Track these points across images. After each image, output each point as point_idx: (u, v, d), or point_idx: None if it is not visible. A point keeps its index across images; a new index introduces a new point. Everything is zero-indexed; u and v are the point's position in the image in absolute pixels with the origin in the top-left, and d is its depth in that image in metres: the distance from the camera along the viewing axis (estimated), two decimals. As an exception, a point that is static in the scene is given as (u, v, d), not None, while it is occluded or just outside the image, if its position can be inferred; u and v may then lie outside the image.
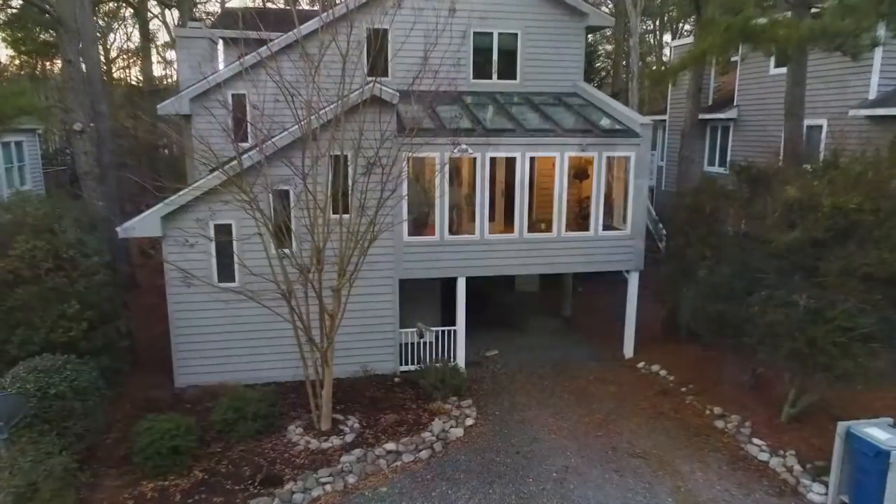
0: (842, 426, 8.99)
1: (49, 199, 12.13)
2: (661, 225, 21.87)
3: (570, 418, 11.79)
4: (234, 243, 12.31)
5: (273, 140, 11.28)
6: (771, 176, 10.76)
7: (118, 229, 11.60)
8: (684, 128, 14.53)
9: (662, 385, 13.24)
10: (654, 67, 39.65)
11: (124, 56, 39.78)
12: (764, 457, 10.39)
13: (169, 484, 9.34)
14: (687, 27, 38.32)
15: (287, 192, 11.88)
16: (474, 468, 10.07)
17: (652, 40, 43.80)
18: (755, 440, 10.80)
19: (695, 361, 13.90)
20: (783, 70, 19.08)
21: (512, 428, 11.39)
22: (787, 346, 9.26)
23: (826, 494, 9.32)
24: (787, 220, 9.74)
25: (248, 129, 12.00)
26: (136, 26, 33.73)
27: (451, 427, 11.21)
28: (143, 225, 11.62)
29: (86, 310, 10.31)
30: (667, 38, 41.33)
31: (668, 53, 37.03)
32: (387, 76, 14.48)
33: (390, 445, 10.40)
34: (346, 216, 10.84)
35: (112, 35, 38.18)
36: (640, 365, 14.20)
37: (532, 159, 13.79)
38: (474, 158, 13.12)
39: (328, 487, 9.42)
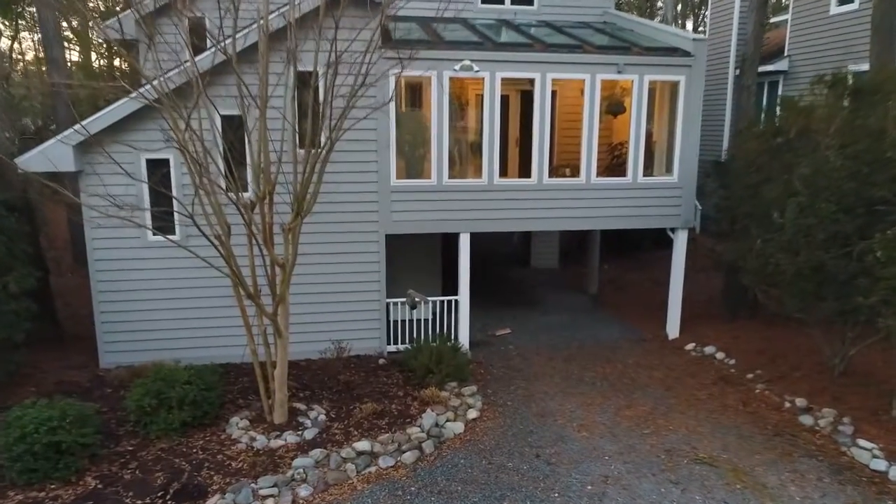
0: None
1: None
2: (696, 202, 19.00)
3: (607, 411, 8.96)
4: (173, 183, 9.65)
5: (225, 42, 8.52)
6: (882, 82, 7.86)
7: (16, 161, 8.93)
8: (746, 51, 11.65)
9: (721, 370, 10.37)
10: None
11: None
12: (880, 465, 7.49)
13: (45, 495, 6.63)
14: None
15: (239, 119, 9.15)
16: (477, 477, 7.28)
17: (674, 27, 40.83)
18: (862, 442, 7.90)
19: (759, 341, 11.05)
20: (849, 7, 16.28)
21: (529, 423, 8.59)
22: (931, 305, 6.37)
23: None
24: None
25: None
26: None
27: (448, 421, 8.42)
28: (50, 155, 8.93)
29: (-50, 257, 7.66)
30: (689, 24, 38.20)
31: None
32: None
33: (363, 444, 7.63)
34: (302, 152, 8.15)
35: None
36: (690, 346, 11.33)
37: (554, 93, 10.97)
38: (482, 80, 10.29)
39: (269, 502, 6.66)
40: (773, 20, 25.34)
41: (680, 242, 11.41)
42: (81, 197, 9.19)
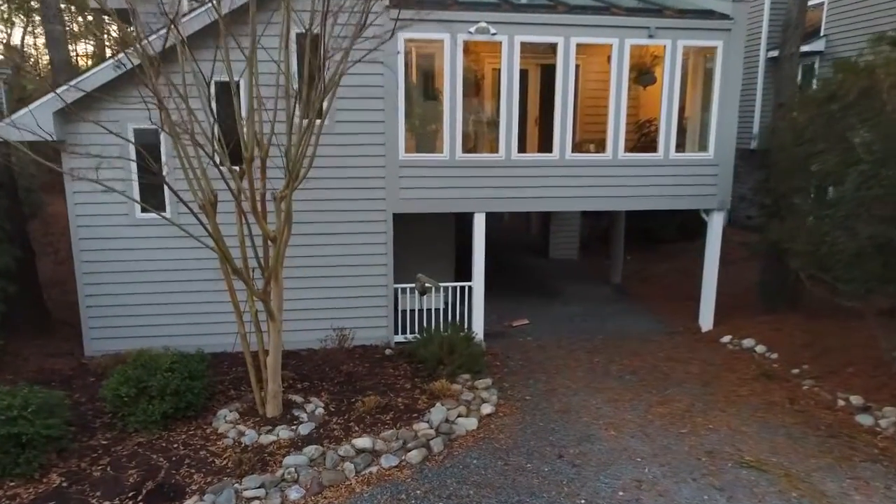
0: None
1: None
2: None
3: (637, 408, 8.03)
4: (163, 155, 8.90)
5: None
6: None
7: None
8: (788, 17, 10.63)
9: (762, 365, 9.38)
10: None
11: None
12: (957, 472, 6.52)
13: (2, 493, 5.88)
14: None
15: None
16: (492, 479, 6.40)
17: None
18: (933, 445, 6.93)
19: (803, 334, 10.03)
20: (894, -21, 15.18)
21: (551, 420, 7.69)
22: None
23: None
24: None
25: None
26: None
27: (460, 416, 7.55)
28: (29, 122, 8.18)
29: None
30: None
31: None
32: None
33: (364, 441, 6.78)
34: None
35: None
36: (726, 339, 10.35)
37: (577, 67, 10.04)
38: (499, 47, 9.41)
39: (255, 505, 5.86)
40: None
41: (715, 225, 10.43)
42: (64, 167, 8.48)
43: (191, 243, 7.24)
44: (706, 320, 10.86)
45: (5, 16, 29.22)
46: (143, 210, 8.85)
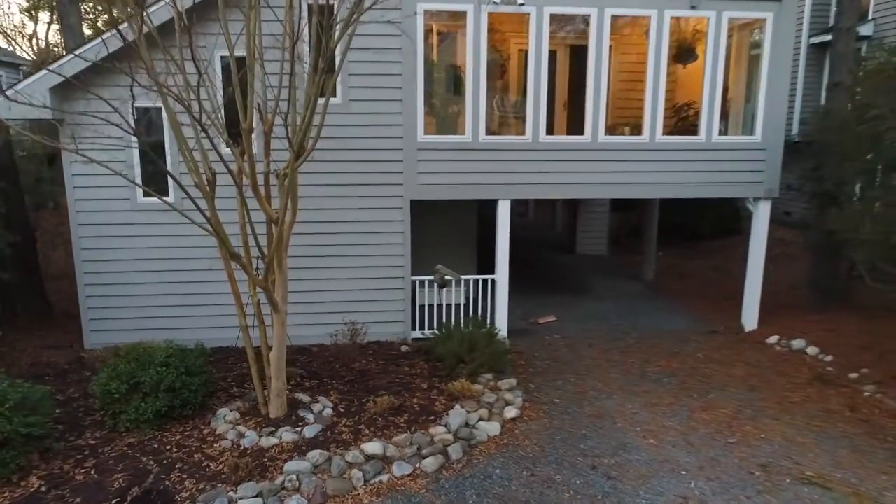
0: None
1: None
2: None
3: (678, 413, 7.24)
4: (166, 136, 8.36)
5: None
6: None
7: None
8: (844, -13, 9.72)
9: (815, 368, 8.51)
10: None
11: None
12: None
13: (-25, 498, 5.34)
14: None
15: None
16: (517, 493, 5.68)
17: None
18: None
19: (860, 335, 9.15)
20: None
21: (582, 425, 6.94)
22: None
23: None
24: None
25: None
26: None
27: (481, 420, 6.84)
28: (23, 99, 7.69)
29: None
30: None
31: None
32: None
33: (374, 446, 6.11)
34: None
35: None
36: (773, 340, 9.48)
37: (610, 48, 9.25)
38: (526, 22, 8.69)
39: (249, 518, 5.22)
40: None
41: (762, 215, 9.55)
42: (62, 144, 7.96)
43: (195, 230, 6.64)
44: (750, 319, 9.99)
45: (31, 13, 29.38)
46: (146, 195, 8.33)
